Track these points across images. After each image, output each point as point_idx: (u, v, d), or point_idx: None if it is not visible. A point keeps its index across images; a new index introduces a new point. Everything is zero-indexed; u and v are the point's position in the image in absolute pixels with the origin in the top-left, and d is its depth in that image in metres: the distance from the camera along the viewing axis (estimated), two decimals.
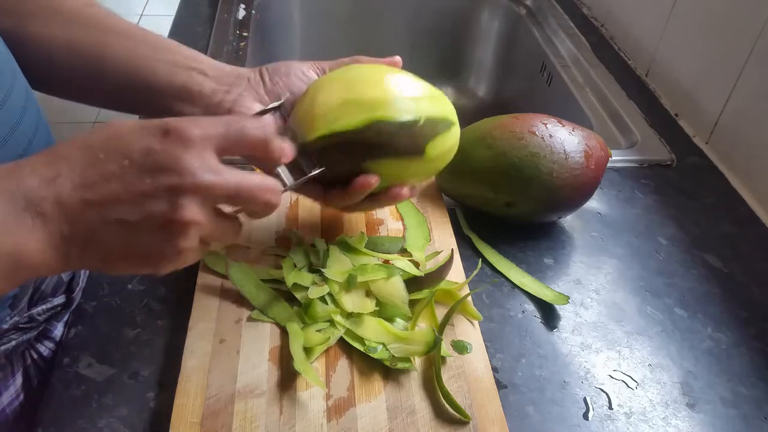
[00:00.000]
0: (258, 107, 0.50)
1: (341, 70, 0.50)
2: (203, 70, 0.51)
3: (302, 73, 0.52)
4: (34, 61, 0.51)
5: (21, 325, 0.51)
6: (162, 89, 0.50)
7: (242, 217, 0.42)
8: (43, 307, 0.53)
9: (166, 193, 0.35)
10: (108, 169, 0.35)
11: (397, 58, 0.52)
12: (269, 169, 0.45)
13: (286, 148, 0.41)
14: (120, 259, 0.37)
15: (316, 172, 0.47)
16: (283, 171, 0.44)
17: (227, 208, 0.41)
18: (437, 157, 0.50)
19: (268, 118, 0.50)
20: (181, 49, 0.53)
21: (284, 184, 0.44)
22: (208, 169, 0.36)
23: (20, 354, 0.54)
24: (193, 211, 0.36)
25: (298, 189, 0.48)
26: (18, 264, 0.34)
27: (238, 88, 0.51)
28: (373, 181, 0.47)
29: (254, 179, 0.38)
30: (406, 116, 0.46)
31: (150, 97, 0.51)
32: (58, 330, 0.59)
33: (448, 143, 0.50)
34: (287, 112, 0.51)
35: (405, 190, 0.50)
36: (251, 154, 0.40)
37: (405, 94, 0.47)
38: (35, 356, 0.56)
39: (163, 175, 0.35)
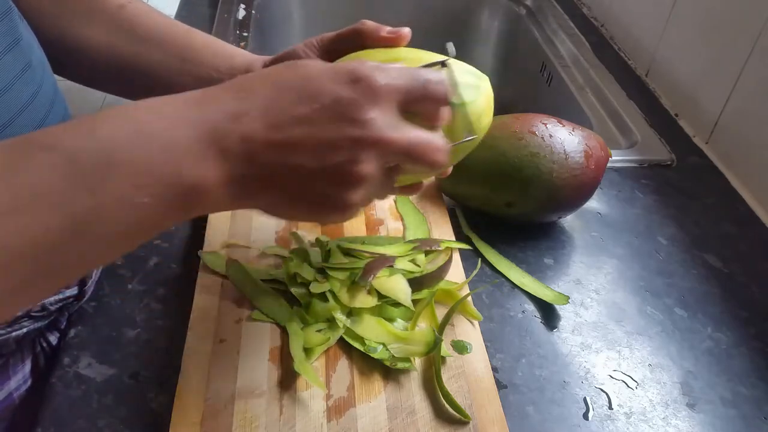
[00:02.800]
0: None
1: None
2: (223, 81, 0.52)
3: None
4: (74, 56, 0.52)
5: (33, 313, 0.52)
6: None
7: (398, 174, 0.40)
8: (56, 297, 0.54)
9: (349, 145, 0.34)
10: (298, 111, 0.34)
11: (406, 30, 0.47)
12: None
13: (449, 110, 0.40)
14: (289, 204, 0.37)
15: (472, 137, 0.43)
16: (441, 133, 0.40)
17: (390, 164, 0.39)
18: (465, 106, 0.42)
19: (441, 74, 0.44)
20: (204, 56, 0.53)
21: None
22: (390, 124, 0.35)
23: (30, 341, 0.54)
24: (370, 165, 0.35)
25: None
26: (195, 198, 0.33)
27: None
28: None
29: (426, 137, 0.37)
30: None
31: None
32: None
33: (473, 93, 0.43)
34: None
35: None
36: (424, 110, 0.38)
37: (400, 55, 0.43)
38: (44, 345, 0.56)
39: (350, 125, 0.34)
